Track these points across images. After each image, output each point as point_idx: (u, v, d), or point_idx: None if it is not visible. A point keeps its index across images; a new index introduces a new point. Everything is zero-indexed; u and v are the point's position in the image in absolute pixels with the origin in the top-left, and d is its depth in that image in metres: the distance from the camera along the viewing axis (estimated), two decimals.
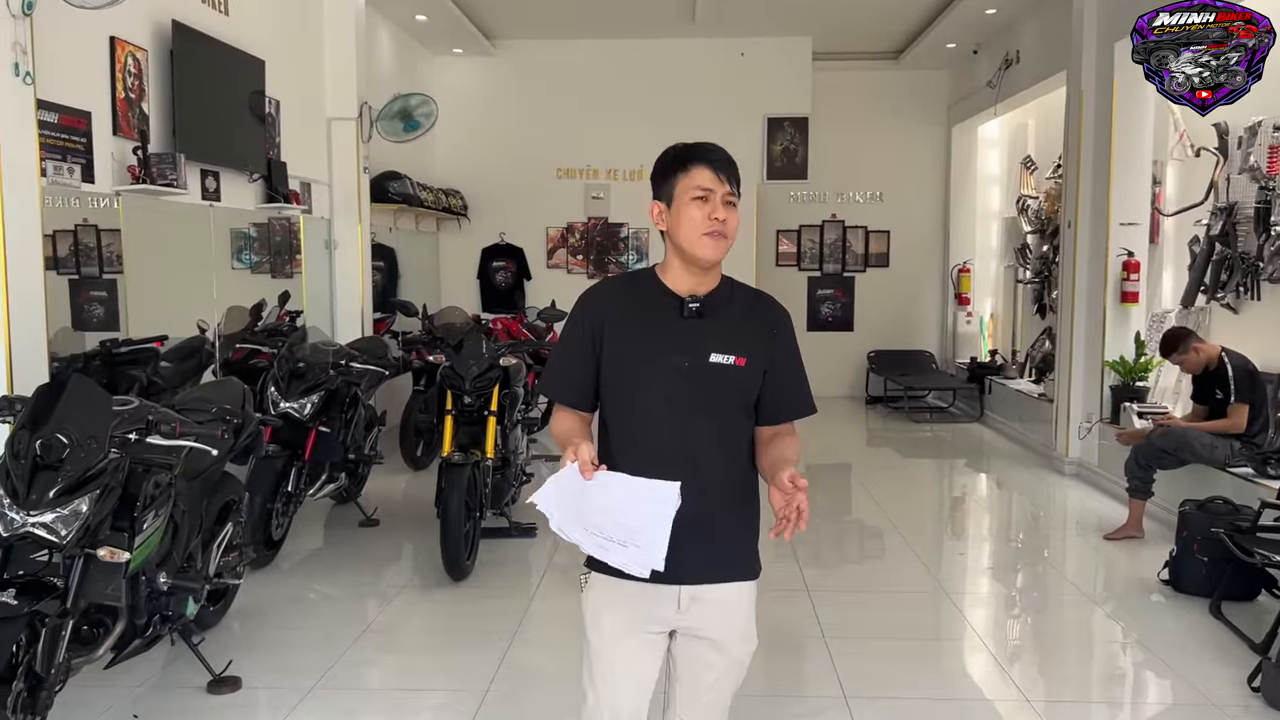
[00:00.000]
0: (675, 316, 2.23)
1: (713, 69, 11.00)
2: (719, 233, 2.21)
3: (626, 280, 2.40)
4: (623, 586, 2.17)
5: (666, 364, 2.19)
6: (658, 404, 2.20)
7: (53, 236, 6.03)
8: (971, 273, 11.73)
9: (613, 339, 2.24)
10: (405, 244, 10.07)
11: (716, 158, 2.25)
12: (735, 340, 2.22)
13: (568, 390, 2.30)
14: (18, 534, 3.07)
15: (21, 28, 3.93)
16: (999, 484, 8.20)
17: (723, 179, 2.23)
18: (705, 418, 2.20)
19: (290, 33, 7.26)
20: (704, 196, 2.21)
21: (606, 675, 2.24)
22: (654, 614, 2.22)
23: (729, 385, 2.21)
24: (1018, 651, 4.52)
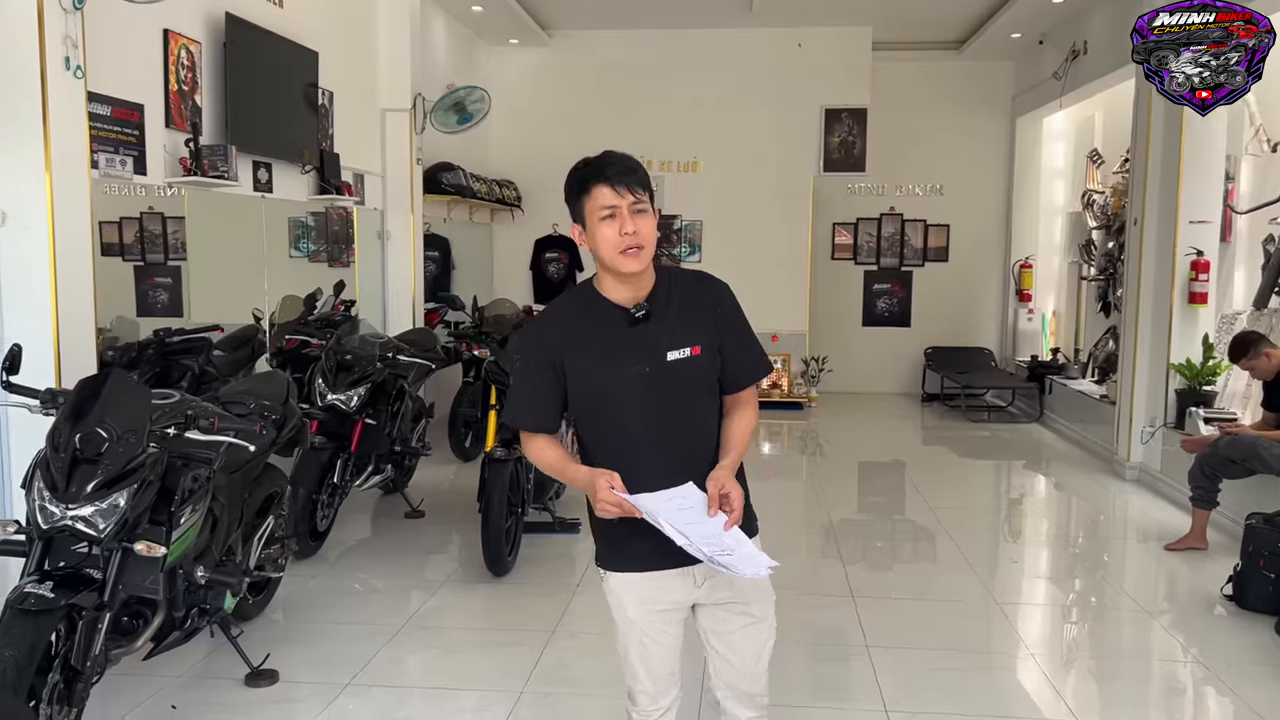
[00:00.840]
0: (624, 326, 2.33)
1: (769, 60, 10.84)
2: (634, 246, 2.26)
3: (570, 302, 2.46)
4: (640, 577, 2.39)
5: (629, 373, 2.31)
6: (630, 411, 2.32)
7: (119, 224, 6.16)
8: (1034, 269, 11.44)
9: (573, 362, 2.34)
10: (459, 235, 10.09)
11: (613, 172, 2.28)
12: (685, 332, 2.34)
13: (535, 418, 2.41)
14: (57, 527, 3.09)
15: (73, 22, 3.96)
16: (1056, 488, 7.98)
17: (623, 191, 2.27)
18: (676, 411, 2.34)
19: (345, 24, 7.28)
20: (611, 214, 2.27)
21: (641, 647, 2.43)
22: (672, 596, 2.41)
23: (691, 376, 2.34)
24: (1069, 666, 4.37)
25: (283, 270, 7.28)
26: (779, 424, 10.29)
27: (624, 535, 2.33)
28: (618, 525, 2.28)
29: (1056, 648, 4.60)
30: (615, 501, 2.16)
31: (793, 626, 4.56)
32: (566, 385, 2.34)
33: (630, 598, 2.41)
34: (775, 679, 3.99)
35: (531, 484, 5.49)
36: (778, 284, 11.02)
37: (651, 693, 2.48)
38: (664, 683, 2.48)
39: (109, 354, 5.22)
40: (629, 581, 2.40)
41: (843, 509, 6.88)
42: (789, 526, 6.36)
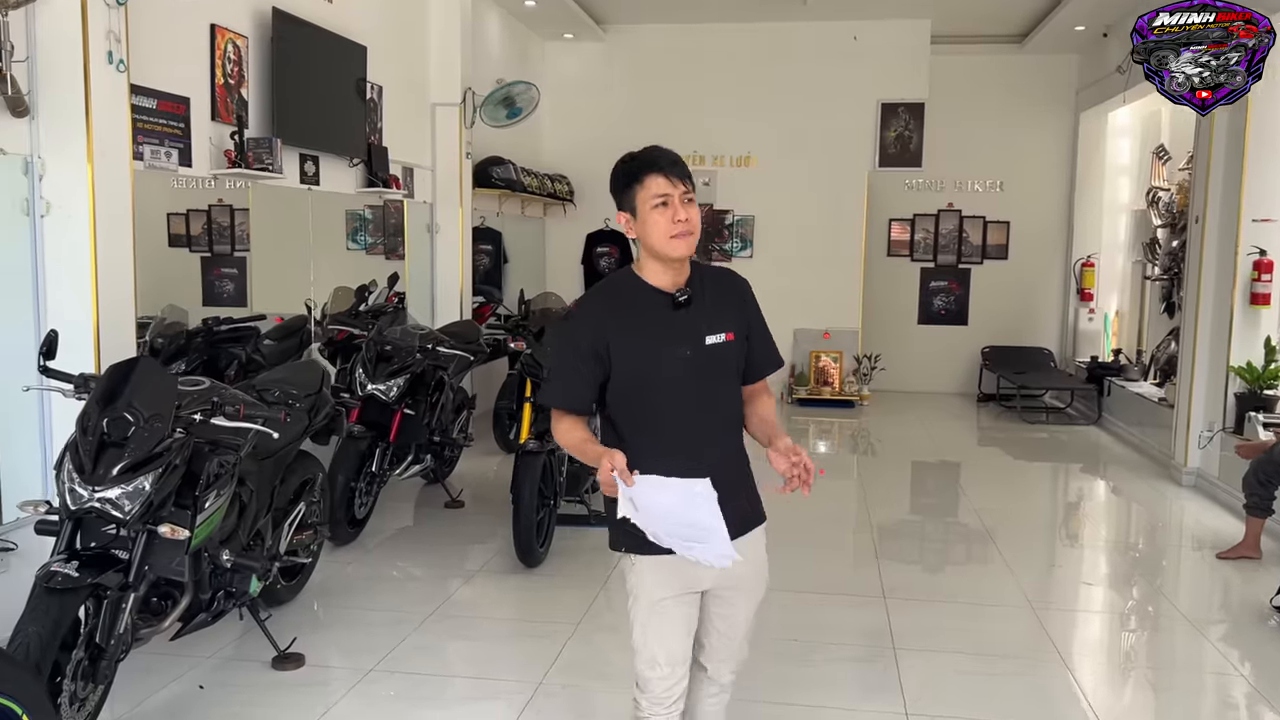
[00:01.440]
0: (668, 311, 2.46)
1: (824, 53, 10.74)
2: (685, 231, 2.41)
3: (611, 287, 2.57)
4: (666, 561, 2.45)
5: (672, 355, 2.44)
6: (668, 392, 2.45)
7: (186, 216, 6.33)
8: (1096, 267, 11.17)
9: (619, 345, 2.44)
10: (511, 229, 10.17)
11: (666, 162, 2.43)
12: (720, 319, 2.50)
13: (575, 400, 2.50)
14: (84, 508, 3.18)
15: (116, 17, 4.06)
16: (1109, 492, 7.78)
17: (676, 180, 2.42)
18: (709, 395, 2.49)
19: (395, 19, 7.37)
20: (664, 202, 2.40)
21: (660, 632, 2.52)
22: (693, 580, 2.50)
23: (725, 361, 2.50)
24: (1103, 676, 4.26)
25: (341, 262, 7.42)
26: (829, 422, 10.19)
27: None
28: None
29: (1091, 655, 4.49)
30: (609, 481, 2.24)
31: (820, 626, 4.53)
32: (611, 367, 2.43)
33: (655, 580, 2.50)
34: (796, 677, 3.98)
35: (565, 476, 5.51)
36: (830, 280, 10.93)
37: (667, 676, 2.54)
38: (680, 666, 2.56)
39: (159, 341, 5.37)
40: (655, 564, 2.48)
41: (886, 508, 6.79)
42: (828, 525, 6.30)
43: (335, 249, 7.44)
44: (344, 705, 3.72)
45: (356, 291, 7.14)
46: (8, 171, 3.92)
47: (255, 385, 4.31)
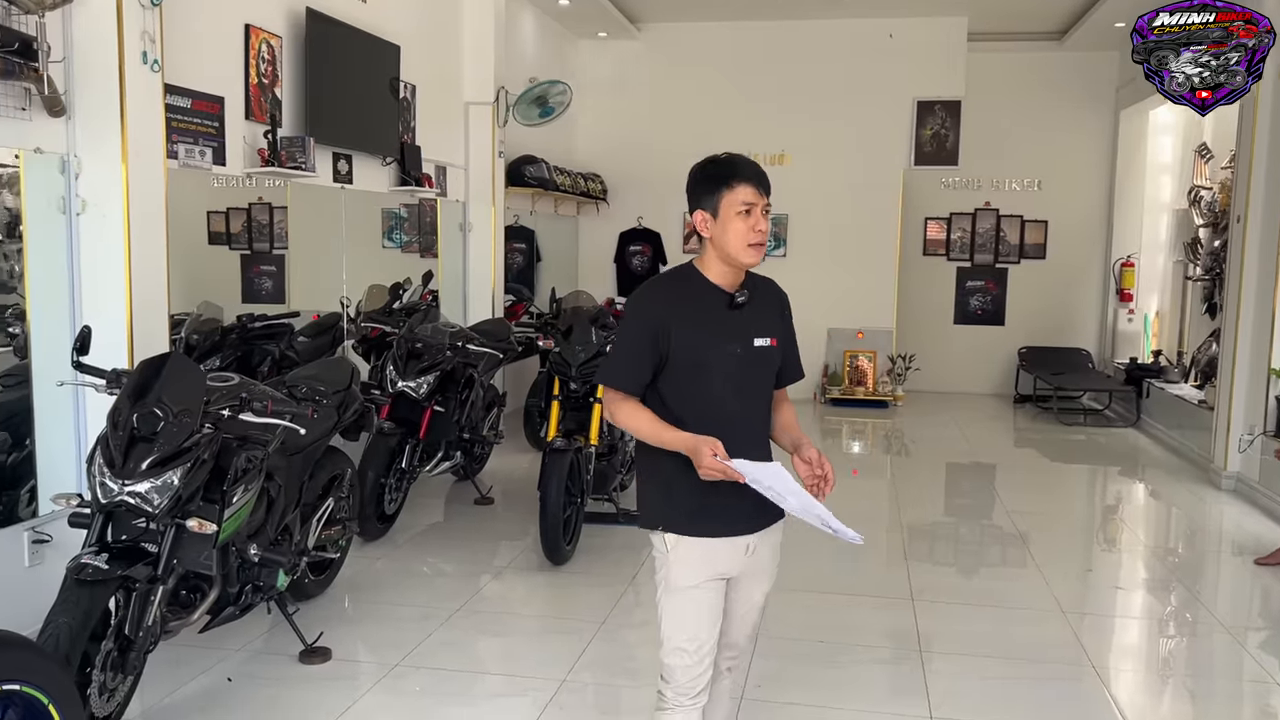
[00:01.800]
0: (724, 309, 2.56)
1: (860, 51, 10.67)
2: (761, 242, 2.52)
3: (675, 277, 2.66)
4: (705, 544, 2.54)
5: (724, 351, 2.53)
6: (718, 386, 2.53)
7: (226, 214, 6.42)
8: (1136, 267, 11.01)
9: (679, 333, 2.52)
10: (544, 227, 10.20)
11: (756, 174, 2.55)
12: (767, 324, 2.62)
13: (634, 382, 2.57)
14: (114, 501, 3.23)
15: (150, 18, 4.12)
16: (1147, 495, 7.67)
17: (761, 193, 2.53)
18: (751, 393, 2.60)
19: (429, 19, 7.41)
20: (748, 210, 2.50)
21: (692, 618, 2.56)
22: (727, 565, 2.58)
23: (768, 364, 2.63)
24: (1137, 684, 4.20)
25: (377, 260, 7.50)
26: (863, 422, 10.13)
27: (701, 501, 2.51)
28: (696, 491, 2.48)
29: (1125, 662, 4.43)
30: (720, 468, 2.34)
31: (846, 627, 4.50)
32: (670, 352, 2.51)
33: (693, 563, 2.55)
34: (821, 678, 3.95)
35: (592, 474, 5.52)
36: (865, 279, 10.86)
37: (693, 666, 2.57)
38: (707, 657, 2.59)
39: (194, 337, 5.44)
40: (698, 547, 2.54)
41: (918, 510, 6.73)
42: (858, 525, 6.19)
43: (371, 247, 7.51)
44: (370, 699, 3.75)
45: (390, 289, 7.20)
46: (45, 170, 3.99)
47: (285, 382, 4.35)
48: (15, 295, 4.26)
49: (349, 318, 6.65)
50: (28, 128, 3.82)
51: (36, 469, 4.16)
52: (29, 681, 2.42)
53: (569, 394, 5.66)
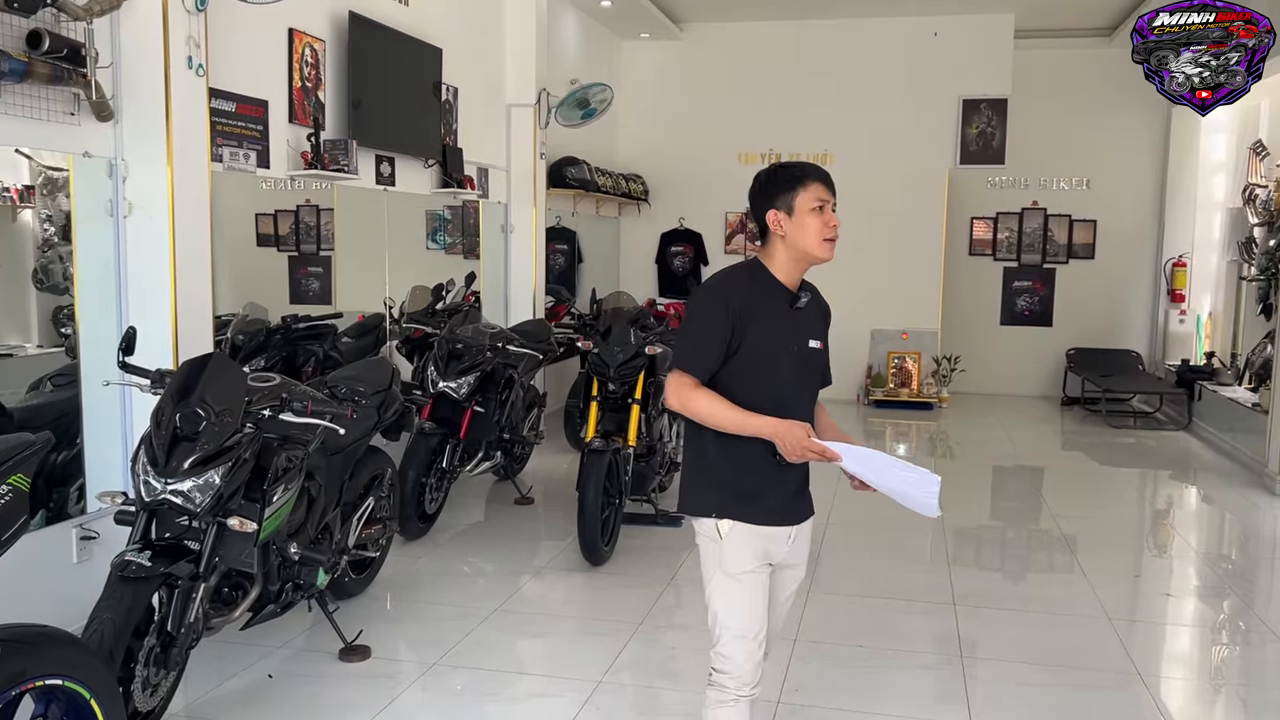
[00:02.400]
0: (786, 308, 2.68)
1: (903, 49, 10.56)
2: (833, 238, 2.64)
3: (749, 273, 2.72)
4: (758, 531, 2.64)
5: (785, 348, 2.65)
6: (776, 381, 2.63)
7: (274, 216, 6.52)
8: (1188, 267, 10.78)
9: (750, 325, 2.61)
10: (586, 228, 10.22)
11: (825, 176, 2.67)
12: (818, 328, 2.76)
13: (707, 368, 2.63)
14: (157, 500, 3.28)
15: (195, 23, 4.19)
16: (1199, 500, 7.50)
17: (831, 193, 2.65)
18: (804, 390, 2.72)
19: (471, 21, 7.46)
20: (821, 207, 2.62)
21: (753, 602, 2.64)
22: (772, 552, 2.67)
23: (817, 365, 2.75)
24: (1185, 693, 4.11)
25: (421, 261, 7.57)
26: (906, 424, 10.03)
27: (757, 488, 2.63)
28: (740, 474, 2.62)
29: (1173, 671, 4.34)
30: (819, 448, 2.49)
31: (887, 631, 4.45)
32: (742, 343, 2.59)
33: (750, 548, 2.63)
34: (860, 683, 3.91)
35: (630, 475, 5.51)
36: (909, 279, 10.75)
37: (754, 652, 2.62)
38: (762, 642, 2.67)
39: (239, 338, 5.52)
40: (753, 533, 2.63)
41: (962, 513, 6.64)
42: (900, 529, 6.18)
43: (415, 248, 7.58)
44: (408, 697, 3.78)
45: (433, 290, 7.26)
46: (93, 174, 4.07)
47: (326, 382, 4.40)
48: (68, 296, 4.36)
49: (392, 318, 6.71)
50: (77, 132, 3.90)
51: (85, 467, 4.25)
52: (71, 676, 2.46)
53: (607, 395, 5.66)
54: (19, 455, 2.39)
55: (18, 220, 5.36)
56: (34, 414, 4.33)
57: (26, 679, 2.35)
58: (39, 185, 5.25)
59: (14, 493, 2.33)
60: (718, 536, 2.64)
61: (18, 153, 4.87)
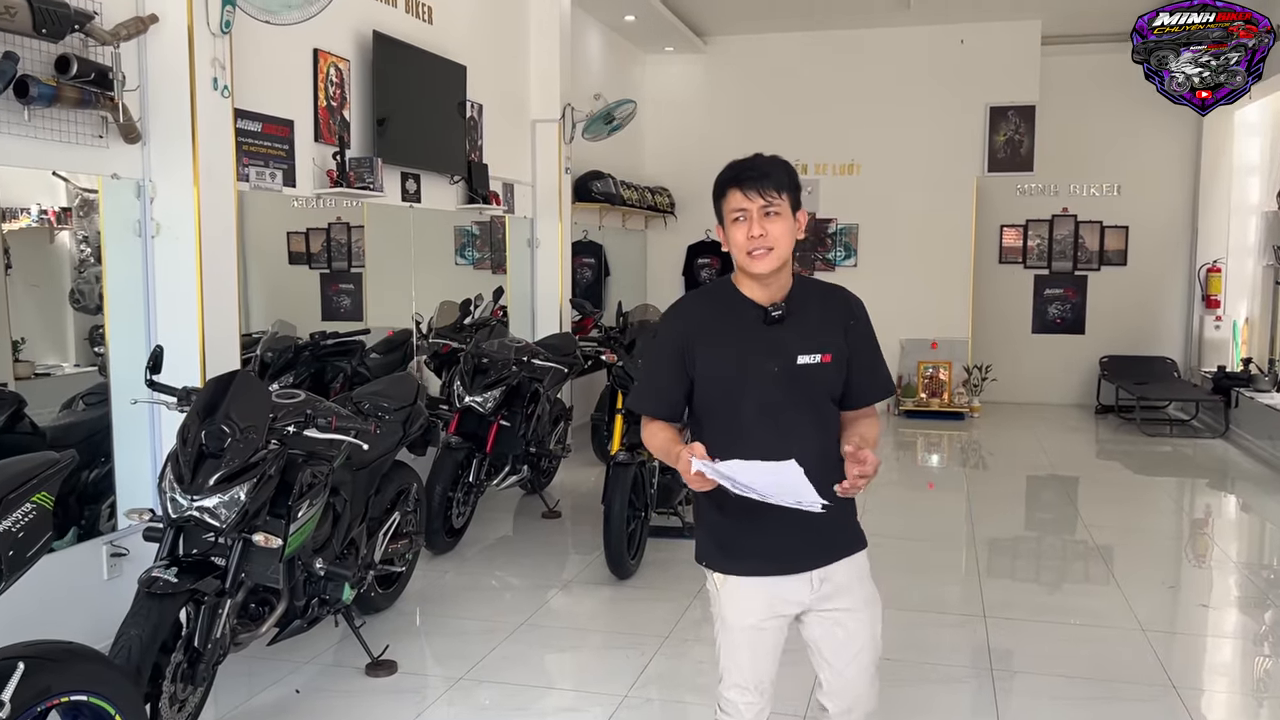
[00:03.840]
0: (759, 324, 2.39)
1: (929, 57, 10.53)
2: (761, 248, 2.33)
3: (707, 294, 2.55)
4: (758, 582, 2.42)
5: (758, 370, 2.36)
6: (752, 409, 2.37)
7: (305, 234, 6.60)
8: (1223, 272, 10.63)
9: (703, 352, 2.40)
10: (613, 241, 10.25)
11: (746, 176, 2.35)
12: (819, 339, 2.40)
13: (659, 405, 2.47)
14: (184, 516, 3.31)
15: (220, 45, 4.24)
16: (1236, 509, 7.38)
17: (753, 195, 2.33)
18: (798, 415, 2.38)
19: (495, 38, 7.50)
20: (739, 217, 2.35)
21: (753, 657, 2.45)
22: (787, 600, 2.43)
23: (817, 383, 2.39)
24: (1223, 706, 4.03)
25: (450, 277, 7.62)
26: (938, 434, 9.94)
27: (732, 534, 2.42)
28: (727, 522, 2.41)
29: (1210, 683, 4.26)
30: (695, 470, 2.19)
31: (917, 644, 4.40)
32: (695, 371, 2.40)
33: (748, 602, 2.43)
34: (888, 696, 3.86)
35: (656, 488, 5.50)
36: (938, 288, 10.68)
37: (753, 704, 2.48)
38: (765, 694, 2.49)
39: (268, 355, 5.58)
40: (748, 586, 2.43)
41: (994, 524, 6.56)
42: (932, 539, 6.13)
43: (444, 264, 7.63)
44: (435, 712, 3.78)
45: (461, 305, 7.30)
46: (121, 195, 4.13)
47: (351, 398, 4.43)
48: (103, 316, 4.42)
49: (420, 334, 6.76)
50: (105, 154, 3.96)
51: (115, 485, 4.30)
52: (97, 692, 2.49)
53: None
54: (43, 474, 2.42)
55: (55, 242, 5.47)
56: (65, 432, 4.40)
57: (52, 695, 2.38)
58: (75, 207, 5.36)
59: (38, 511, 2.36)
60: (714, 588, 2.49)
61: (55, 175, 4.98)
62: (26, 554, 2.32)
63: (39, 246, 5.42)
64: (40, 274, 5.53)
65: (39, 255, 5.46)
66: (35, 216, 5.32)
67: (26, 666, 2.29)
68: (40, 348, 5.38)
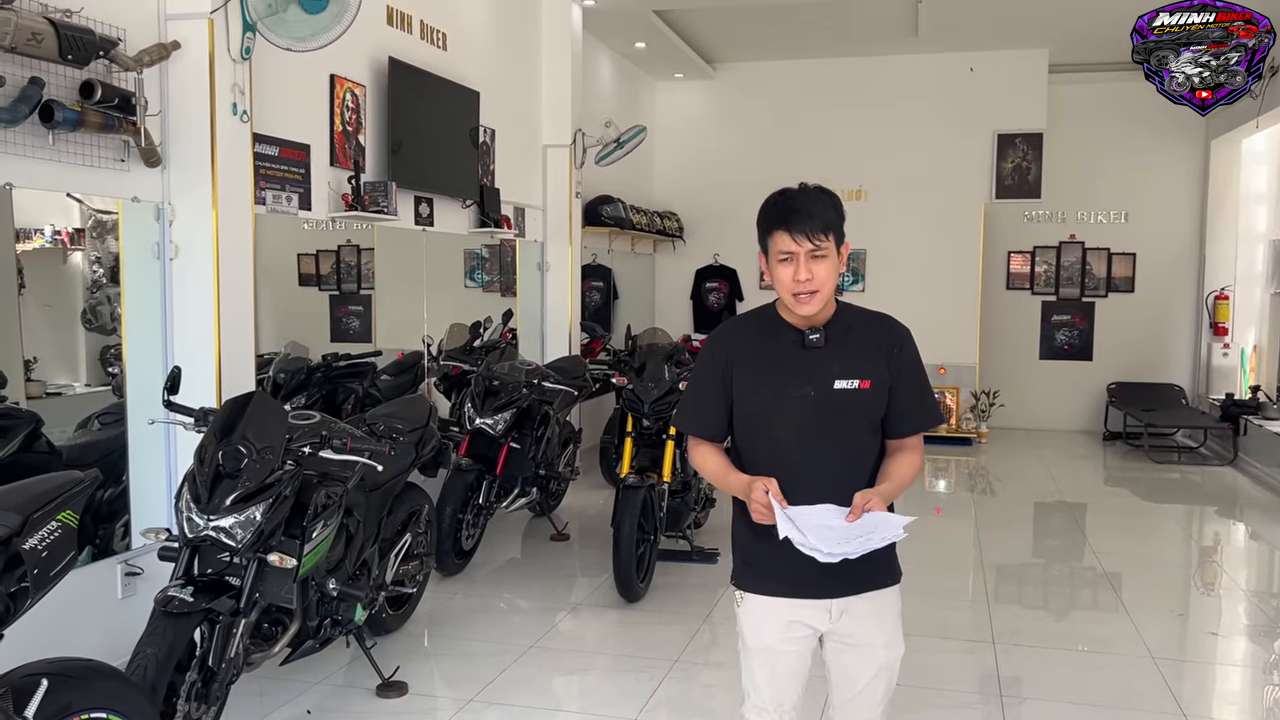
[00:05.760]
0: (798, 348, 2.40)
1: (938, 85, 10.61)
2: (808, 291, 2.33)
3: (751, 317, 2.55)
4: (777, 602, 2.42)
5: (794, 394, 2.36)
6: (788, 432, 2.37)
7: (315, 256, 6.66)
8: (1231, 300, 10.64)
9: (741, 373, 2.43)
10: (622, 265, 10.30)
11: (796, 220, 2.31)
12: (858, 365, 2.38)
13: (702, 424, 2.51)
14: (200, 536, 3.34)
15: (240, 71, 4.31)
16: (1246, 537, 7.36)
17: (802, 238, 2.31)
18: (835, 442, 2.37)
19: (508, 64, 7.59)
20: (788, 259, 2.34)
21: (771, 678, 2.46)
22: (806, 623, 2.42)
23: (855, 409, 2.37)
24: None
25: (460, 300, 7.66)
26: (945, 460, 9.94)
27: (761, 553, 2.41)
28: (756, 541, 2.39)
29: (1220, 711, 4.24)
30: (767, 503, 2.23)
31: (925, 670, 4.40)
32: (733, 392, 2.43)
33: (766, 623, 2.45)
34: None
35: (665, 511, 5.52)
36: (946, 314, 10.69)
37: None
38: (786, 714, 2.50)
39: (281, 376, 5.62)
40: (767, 606, 2.44)
41: (1002, 550, 6.57)
42: (940, 566, 6.12)
43: (454, 287, 7.68)
44: None
45: (470, 328, 7.35)
46: (141, 218, 4.19)
47: (365, 419, 4.47)
48: (115, 336, 4.47)
49: (430, 356, 6.80)
50: (125, 178, 4.02)
51: (130, 504, 4.33)
52: (115, 710, 2.51)
53: (642, 430, 5.69)
54: (67, 492, 2.46)
55: (68, 262, 5.52)
56: (82, 452, 4.43)
57: (72, 712, 2.41)
58: (89, 228, 5.41)
59: (63, 529, 2.39)
60: (737, 604, 2.51)
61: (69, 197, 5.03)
62: (51, 572, 2.35)
63: (52, 267, 5.46)
64: (52, 294, 5.57)
65: (52, 276, 5.51)
66: (49, 237, 5.38)
67: (50, 683, 2.32)
68: (52, 367, 5.42)
